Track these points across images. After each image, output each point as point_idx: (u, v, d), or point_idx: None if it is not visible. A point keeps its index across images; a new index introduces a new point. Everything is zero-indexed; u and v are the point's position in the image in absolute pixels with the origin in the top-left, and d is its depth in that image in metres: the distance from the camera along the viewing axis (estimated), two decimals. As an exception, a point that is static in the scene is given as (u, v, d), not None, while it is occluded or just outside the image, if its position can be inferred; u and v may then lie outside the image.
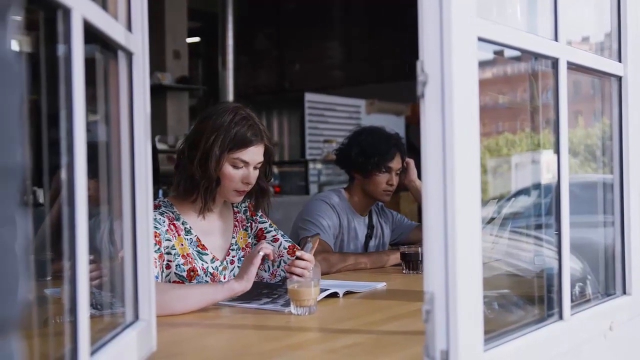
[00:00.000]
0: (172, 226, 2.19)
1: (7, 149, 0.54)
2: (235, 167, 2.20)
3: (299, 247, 2.36)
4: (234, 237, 2.35)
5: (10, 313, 0.53)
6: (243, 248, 2.36)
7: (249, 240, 2.39)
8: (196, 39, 10.84)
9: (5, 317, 0.53)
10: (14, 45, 0.59)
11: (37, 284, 1.65)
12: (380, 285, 2.36)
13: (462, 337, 1.15)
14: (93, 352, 1.08)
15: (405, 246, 2.74)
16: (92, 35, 1.10)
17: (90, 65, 1.08)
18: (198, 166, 2.17)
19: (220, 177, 2.20)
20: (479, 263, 1.21)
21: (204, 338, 1.72)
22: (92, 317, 1.05)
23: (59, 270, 1.15)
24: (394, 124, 6.72)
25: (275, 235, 2.39)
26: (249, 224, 2.41)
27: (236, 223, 2.38)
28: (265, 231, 2.40)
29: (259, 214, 2.42)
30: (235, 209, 2.40)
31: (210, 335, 1.74)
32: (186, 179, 2.21)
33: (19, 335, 0.56)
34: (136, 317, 1.36)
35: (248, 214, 2.42)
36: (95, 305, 1.28)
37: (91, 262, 1.06)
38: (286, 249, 2.36)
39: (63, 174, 0.98)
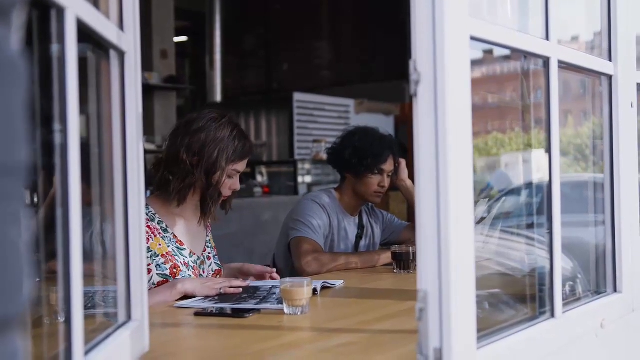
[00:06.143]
0: (146, 228, 2.20)
1: (12, 147, 0.54)
2: (229, 177, 2.30)
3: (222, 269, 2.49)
4: (208, 235, 2.46)
5: (15, 311, 0.53)
6: (214, 247, 2.48)
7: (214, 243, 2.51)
8: (184, 39, 10.83)
9: (11, 314, 0.53)
10: (18, 44, 0.59)
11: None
12: (339, 283, 2.36)
13: (456, 335, 1.16)
14: (87, 352, 1.07)
15: (397, 246, 2.75)
16: (84, 33, 1.10)
17: (81, 64, 1.08)
18: (204, 177, 2.24)
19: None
20: (472, 261, 1.22)
21: (196, 338, 1.71)
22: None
23: (50, 272, 1.15)
24: (383, 124, 6.70)
25: (212, 252, 2.48)
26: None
27: (208, 224, 2.48)
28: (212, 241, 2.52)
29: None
30: None
31: (202, 336, 1.74)
32: (187, 187, 2.26)
33: (22, 333, 0.56)
34: (129, 317, 1.36)
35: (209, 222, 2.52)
36: (86, 305, 1.28)
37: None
38: (213, 271, 2.44)
39: (57, 175, 0.97)
